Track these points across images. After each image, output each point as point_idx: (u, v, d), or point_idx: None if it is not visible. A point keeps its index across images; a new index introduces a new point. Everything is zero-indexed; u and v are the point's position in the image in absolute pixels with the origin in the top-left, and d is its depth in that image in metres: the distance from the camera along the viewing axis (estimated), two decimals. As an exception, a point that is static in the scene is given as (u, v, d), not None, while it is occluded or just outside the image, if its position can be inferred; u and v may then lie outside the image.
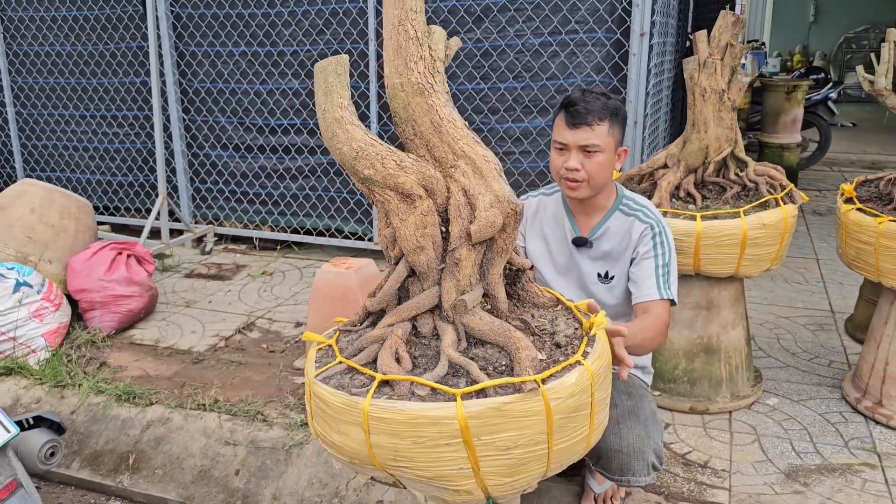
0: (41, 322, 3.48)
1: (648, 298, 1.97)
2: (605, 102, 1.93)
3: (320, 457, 2.71)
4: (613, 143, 1.95)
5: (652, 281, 1.98)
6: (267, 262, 4.88)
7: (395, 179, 1.34)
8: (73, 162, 5.61)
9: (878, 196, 2.81)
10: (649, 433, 1.91)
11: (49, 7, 5.29)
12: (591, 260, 2.09)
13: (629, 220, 2.04)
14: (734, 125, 2.81)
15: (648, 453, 1.86)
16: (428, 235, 1.36)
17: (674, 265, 2.03)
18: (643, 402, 2.01)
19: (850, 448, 2.66)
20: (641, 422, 1.92)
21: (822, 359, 3.36)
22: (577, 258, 2.09)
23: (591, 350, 1.41)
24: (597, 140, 1.91)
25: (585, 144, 1.92)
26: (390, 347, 1.35)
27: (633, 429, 1.88)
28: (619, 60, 3.92)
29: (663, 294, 1.97)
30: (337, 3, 4.49)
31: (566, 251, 2.11)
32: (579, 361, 1.35)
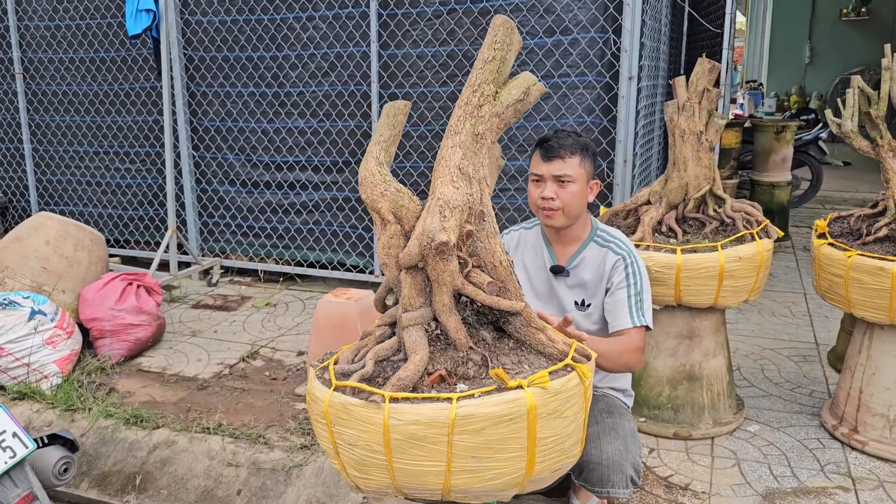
0: (54, 349, 3.63)
1: (623, 327, 2.12)
2: (576, 139, 2.15)
3: (318, 478, 2.84)
4: (585, 174, 2.14)
5: (625, 310, 2.13)
6: (271, 294, 5.04)
7: (375, 204, 1.56)
8: (87, 196, 5.82)
9: (850, 232, 2.96)
10: (628, 448, 2.04)
11: (68, 49, 5.55)
12: (569, 288, 2.24)
13: (603, 251, 2.21)
14: (712, 164, 2.98)
15: (627, 466, 1.99)
16: (392, 255, 1.55)
17: (646, 293, 2.17)
18: (623, 420, 2.15)
19: (825, 472, 2.78)
20: (621, 437, 2.05)
21: (803, 388, 3.48)
22: (556, 286, 2.25)
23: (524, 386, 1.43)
24: (569, 171, 2.11)
25: (559, 175, 2.11)
26: (355, 350, 1.58)
27: (613, 443, 2.01)
28: (608, 102, 4.12)
29: (636, 322, 2.12)
30: (342, 47, 4.72)
31: (545, 279, 2.27)
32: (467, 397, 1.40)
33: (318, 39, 4.77)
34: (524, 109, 1.60)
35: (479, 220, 1.55)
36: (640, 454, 2.11)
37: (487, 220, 1.57)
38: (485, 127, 1.56)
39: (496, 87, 1.56)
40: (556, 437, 1.47)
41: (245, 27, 4.94)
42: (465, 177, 1.52)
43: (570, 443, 1.52)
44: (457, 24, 4.38)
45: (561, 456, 1.51)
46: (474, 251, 1.58)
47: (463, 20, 4.36)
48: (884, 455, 2.83)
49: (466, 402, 1.38)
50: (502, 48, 1.55)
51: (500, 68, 1.56)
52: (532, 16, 4.20)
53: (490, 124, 1.56)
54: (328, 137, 4.91)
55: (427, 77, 4.53)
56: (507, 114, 1.57)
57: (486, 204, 1.57)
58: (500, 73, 1.57)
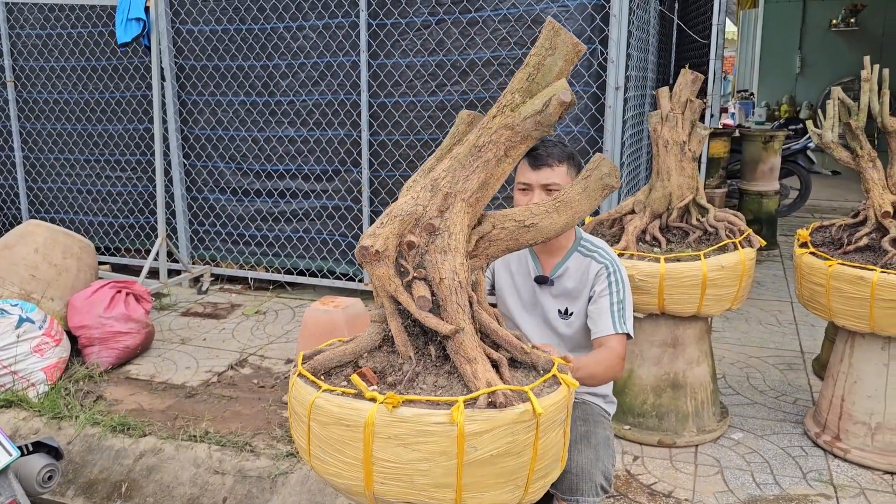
0: (41, 357, 3.63)
1: (604, 333, 2.14)
2: (563, 148, 2.18)
3: (304, 486, 2.84)
4: (571, 183, 2.16)
5: (607, 317, 2.15)
6: (261, 302, 5.05)
7: (368, 236, 1.54)
8: (77, 204, 5.82)
9: (831, 241, 2.99)
10: (599, 457, 2.05)
11: (59, 58, 5.57)
12: (553, 297, 2.26)
13: (587, 261, 2.23)
14: (695, 174, 3.01)
15: (597, 475, 2.00)
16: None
17: (628, 302, 2.20)
18: (597, 428, 2.17)
19: (807, 480, 2.80)
20: (592, 446, 2.07)
21: (788, 396, 3.51)
22: (540, 295, 2.27)
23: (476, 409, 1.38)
24: (557, 179, 2.13)
25: (547, 183, 2.13)
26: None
27: (584, 452, 2.03)
28: (595, 112, 4.15)
29: (618, 329, 2.14)
30: (332, 56, 4.75)
31: (530, 288, 2.29)
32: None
33: (308, 49, 4.80)
34: (547, 123, 1.50)
35: (426, 232, 1.51)
36: (613, 462, 2.12)
37: (442, 236, 1.51)
38: (488, 139, 1.51)
39: (528, 95, 1.49)
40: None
41: (236, 36, 4.97)
42: (431, 188, 1.51)
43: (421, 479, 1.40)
44: (445, 35, 4.42)
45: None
46: (421, 263, 1.53)
47: (451, 30, 4.40)
48: (865, 463, 2.86)
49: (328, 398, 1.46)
50: (539, 52, 1.47)
51: (533, 75, 1.49)
52: (520, 26, 4.24)
53: (497, 136, 1.51)
54: (318, 146, 4.94)
55: (416, 87, 4.57)
56: (523, 126, 1.50)
57: (447, 219, 1.52)
58: (535, 80, 1.49)
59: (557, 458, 1.54)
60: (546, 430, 1.44)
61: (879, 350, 2.82)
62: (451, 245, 1.50)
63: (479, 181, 1.54)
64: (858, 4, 13.06)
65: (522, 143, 1.53)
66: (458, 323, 1.47)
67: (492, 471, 1.39)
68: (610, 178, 1.62)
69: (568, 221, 1.63)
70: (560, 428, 1.51)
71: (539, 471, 1.47)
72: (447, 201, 1.51)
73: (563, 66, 1.49)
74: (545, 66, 1.48)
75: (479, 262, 1.63)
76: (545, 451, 1.46)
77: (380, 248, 1.46)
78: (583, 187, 1.62)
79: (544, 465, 1.48)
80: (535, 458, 1.43)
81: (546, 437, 1.45)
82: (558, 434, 1.51)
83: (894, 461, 2.82)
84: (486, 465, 1.37)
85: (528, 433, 1.40)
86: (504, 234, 1.60)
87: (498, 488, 1.41)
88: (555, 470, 1.54)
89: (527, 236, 1.62)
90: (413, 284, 1.50)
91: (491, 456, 1.37)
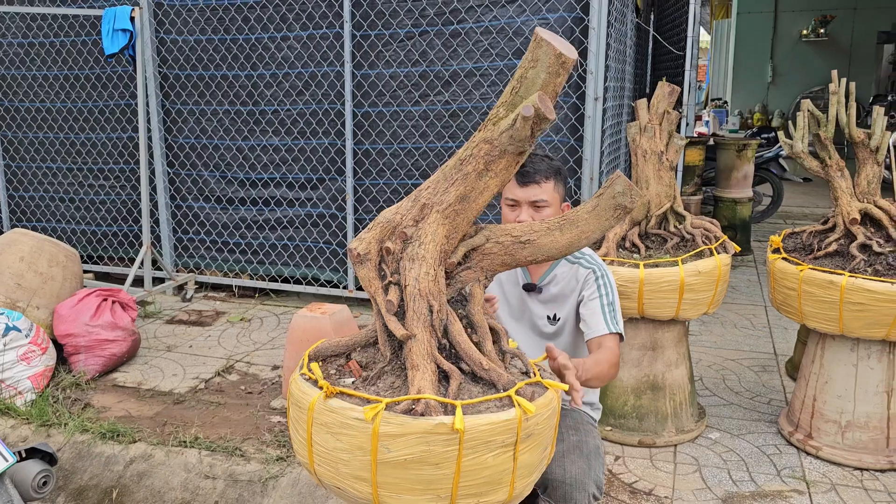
0: (28, 365, 3.65)
1: (599, 334, 2.18)
2: (550, 163, 2.23)
3: (294, 488, 2.90)
4: (558, 198, 2.25)
5: (600, 318, 2.20)
6: (246, 309, 5.09)
7: (355, 239, 1.63)
8: (61, 212, 5.82)
9: (802, 247, 3.12)
10: (591, 466, 2.10)
11: (41, 66, 5.57)
12: (542, 303, 2.34)
13: (574, 267, 2.31)
14: (673, 183, 3.13)
15: (589, 485, 2.05)
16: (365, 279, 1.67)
17: (618, 304, 2.26)
18: (588, 438, 2.22)
19: (781, 477, 2.91)
20: (584, 456, 2.12)
21: (762, 397, 3.63)
22: (528, 302, 2.35)
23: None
24: (544, 196, 2.20)
25: (535, 200, 2.20)
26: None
27: (576, 462, 2.08)
28: (575, 122, 4.27)
29: (612, 328, 2.18)
30: (316, 67, 4.82)
31: (518, 295, 2.37)
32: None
33: (292, 59, 4.87)
34: (519, 138, 1.46)
35: (399, 240, 1.56)
36: (603, 470, 2.17)
37: (413, 245, 1.55)
38: (469, 153, 1.53)
39: (512, 108, 1.46)
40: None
41: (220, 46, 5.02)
42: (414, 198, 1.57)
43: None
44: (428, 46, 4.51)
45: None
46: (396, 269, 1.57)
47: (434, 42, 4.49)
48: (836, 459, 2.98)
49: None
50: (523, 65, 1.44)
51: (516, 88, 1.45)
52: (501, 38, 4.35)
53: (477, 150, 1.52)
54: (302, 155, 5.00)
55: (400, 96, 4.65)
56: (500, 141, 1.49)
57: (420, 229, 1.54)
58: (518, 93, 1.45)
59: (500, 482, 1.46)
60: (475, 449, 1.40)
61: (849, 351, 2.95)
62: (418, 254, 1.54)
63: (458, 194, 1.54)
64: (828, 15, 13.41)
65: (501, 158, 1.51)
66: (412, 330, 1.51)
67: (407, 475, 1.41)
68: (623, 198, 1.51)
69: (572, 241, 1.57)
70: (503, 451, 1.43)
71: (468, 488, 1.43)
72: (423, 212, 1.55)
73: (546, 78, 1.44)
74: (528, 78, 1.45)
75: (473, 275, 1.64)
76: (476, 471, 1.42)
77: (362, 252, 1.54)
78: (593, 206, 1.55)
79: (475, 483, 1.43)
80: (458, 474, 1.40)
81: (477, 457, 1.40)
82: (499, 457, 1.43)
83: (863, 458, 2.94)
84: (399, 468, 1.40)
85: (447, 446, 1.38)
86: (498, 248, 1.61)
87: (416, 494, 1.43)
88: (498, 492, 1.47)
89: (523, 253, 1.60)
90: (389, 288, 1.57)
91: (405, 460, 1.39)
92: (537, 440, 1.49)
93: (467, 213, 1.56)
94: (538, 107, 1.40)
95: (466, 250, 1.61)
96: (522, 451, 1.46)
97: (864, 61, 13.30)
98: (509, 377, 1.51)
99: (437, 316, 1.53)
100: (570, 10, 4.17)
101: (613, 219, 1.53)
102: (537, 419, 1.47)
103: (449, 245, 1.56)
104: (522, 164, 2.16)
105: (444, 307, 1.54)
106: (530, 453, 1.48)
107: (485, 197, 1.55)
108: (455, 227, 1.56)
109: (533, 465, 1.51)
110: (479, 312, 1.63)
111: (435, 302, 1.52)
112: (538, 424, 1.48)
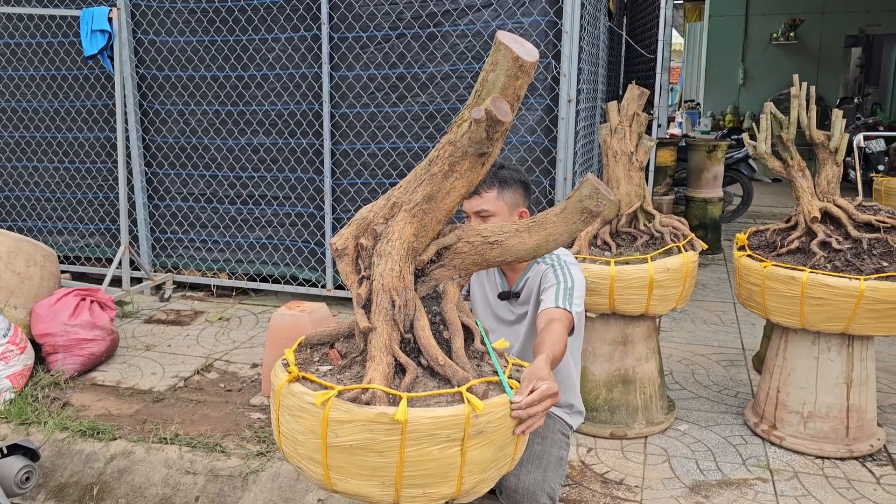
0: (6, 364, 3.66)
1: (547, 306, 2.11)
2: (495, 172, 2.24)
3: (274, 482, 2.96)
4: (505, 206, 2.26)
5: (552, 297, 2.13)
6: (224, 308, 5.12)
7: (336, 235, 1.71)
8: (36, 212, 5.80)
9: (766, 244, 3.24)
10: (546, 478, 2.13)
11: (17, 67, 5.56)
12: (520, 305, 2.40)
13: (539, 267, 2.31)
14: (642, 183, 3.23)
15: (541, 496, 2.09)
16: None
17: (578, 290, 2.16)
18: (552, 448, 2.24)
19: (747, 465, 3.03)
20: (542, 467, 2.15)
21: (730, 390, 3.75)
22: (508, 308, 2.42)
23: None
24: (486, 205, 2.23)
25: (478, 210, 2.24)
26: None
27: (532, 473, 2.12)
28: (549, 124, 4.36)
29: (560, 304, 2.08)
30: (294, 68, 4.87)
31: (496, 302, 2.43)
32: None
33: (270, 60, 4.91)
34: (476, 139, 1.48)
35: (371, 236, 1.63)
36: (561, 481, 2.20)
37: (381, 242, 1.62)
38: (436, 154, 1.58)
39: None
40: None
41: (198, 47, 5.05)
42: (388, 197, 1.65)
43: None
44: (405, 48, 4.58)
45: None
46: (369, 264, 1.64)
47: (411, 44, 4.56)
48: (799, 449, 3.10)
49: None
50: (485, 68, 1.46)
51: (479, 91, 1.48)
52: (477, 41, 4.43)
53: (443, 152, 1.56)
54: (280, 155, 5.04)
55: (377, 98, 4.71)
56: (461, 143, 1.52)
57: (389, 227, 1.61)
58: (481, 96, 1.47)
59: (446, 475, 1.49)
60: (419, 441, 1.44)
61: (810, 345, 3.07)
62: (385, 250, 1.61)
63: (425, 194, 1.59)
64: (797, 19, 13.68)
65: (464, 160, 1.54)
66: (374, 323, 1.58)
67: (353, 460, 1.48)
68: (590, 201, 1.52)
69: (540, 243, 1.61)
70: (449, 445, 1.46)
71: (413, 478, 1.48)
72: (393, 210, 1.63)
73: (505, 81, 1.45)
74: (489, 82, 1.47)
75: (446, 273, 1.70)
76: (419, 462, 1.46)
77: (340, 247, 1.64)
78: (562, 208, 1.58)
79: (419, 474, 1.47)
80: (401, 463, 1.45)
81: (420, 448, 1.45)
82: (445, 451, 1.46)
83: (824, 447, 3.07)
84: (346, 452, 1.47)
85: (390, 436, 1.44)
86: (469, 248, 1.66)
87: (362, 479, 1.49)
88: (444, 486, 1.50)
89: (492, 253, 1.65)
90: (363, 282, 1.65)
91: (351, 446, 1.46)
92: (490, 438, 1.51)
93: (436, 212, 1.61)
94: (490, 110, 1.44)
95: (438, 249, 1.68)
96: (472, 448, 1.48)
97: (833, 64, 13.59)
98: (465, 374, 1.54)
99: (401, 310, 1.59)
100: (543, 14, 4.27)
101: (581, 222, 1.56)
102: (488, 417, 1.49)
103: (418, 243, 1.63)
104: None
105: (411, 302, 1.61)
106: (481, 450, 1.50)
107: (452, 197, 1.60)
108: (424, 226, 1.62)
109: (486, 463, 1.53)
110: (453, 310, 1.68)
111: (398, 297, 1.59)
112: (490, 422, 1.49)
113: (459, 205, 1.65)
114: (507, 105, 1.44)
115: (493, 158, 1.58)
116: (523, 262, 2.26)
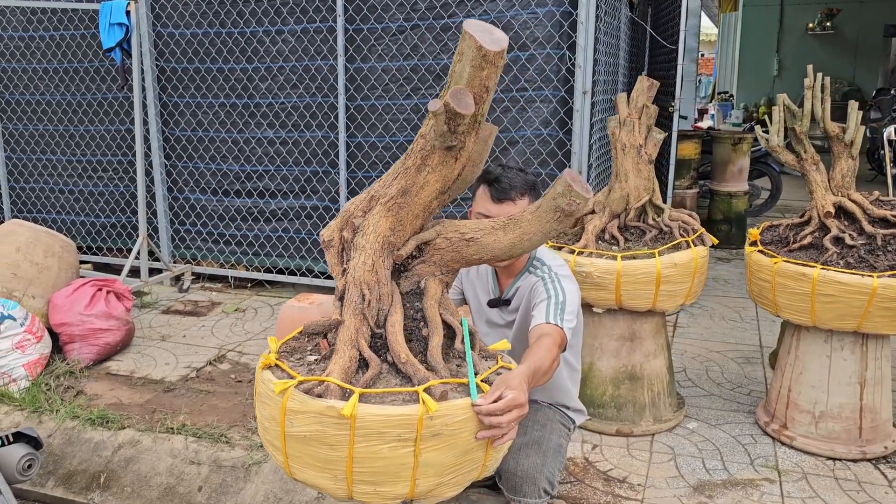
0: (23, 353, 3.73)
1: (537, 322, 2.03)
2: (525, 178, 2.16)
3: (276, 474, 2.97)
4: None
5: (542, 313, 2.06)
6: (241, 300, 5.17)
7: (325, 228, 1.72)
8: (59, 204, 5.91)
9: (779, 239, 3.15)
10: (545, 462, 2.12)
11: (41, 59, 5.66)
12: (510, 312, 2.36)
13: (533, 279, 2.23)
14: (651, 176, 3.16)
15: (541, 479, 2.08)
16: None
17: (570, 305, 2.08)
18: (551, 435, 2.23)
19: (754, 465, 2.96)
20: (542, 452, 2.14)
21: (743, 388, 3.67)
22: (499, 313, 2.38)
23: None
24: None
25: None
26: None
27: (531, 457, 2.11)
28: (564, 115, 4.30)
29: (550, 320, 2.00)
30: (310, 60, 4.87)
31: (488, 308, 2.40)
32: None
33: (286, 53, 4.92)
34: (440, 132, 1.44)
35: (350, 230, 1.64)
36: (560, 468, 2.19)
37: (359, 235, 1.61)
38: (411, 148, 1.56)
39: None
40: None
41: (216, 40, 5.08)
42: (368, 192, 1.64)
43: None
44: (420, 40, 4.55)
45: None
46: (349, 257, 1.64)
47: (426, 36, 4.53)
48: (809, 449, 3.02)
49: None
50: (455, 58, 1.43)
51: (448, 83, 1.45)
52: (491, 32, 4.37)
53: (415, 146, 1.54)
54: (297, 147, 5.05)
55: (392, 90, 4.69)
56: (430, 136, 1.49)
57: (366, 220, 1.60)
58: (450, 88, 1.44)
59: (398, 475, 1.46)
60: (367, 438, 1.42)
61: (822, 343, 2.98)
62: (360, 244, 1.60)
63: (399, 187, 1.57)
64: (834, 9, 13.33)
65: (433, 153, 1.50)
66: (344, 315, 1.59)
67: (307, 451, 1.49)
68: (562, 200, 1.47)
69: (514, 242, 1.57)
70: (400, 445, 1.43)
71: (362, 475, 1.46)
72: (370, 204, 1.63)
73: (471, 72, 1.40)
74: (455, 73, 1.44)
75: (428, 269, 1.66)
76: (368, 459, 1.44)
77: (326, 239, 1.65)
78: (536, 206, 1.55)
79: (369, 471, 1.45)
80: (350, 458, 1.44)
81: (369, 445, 1.42)
82: (396, 450, 1.43)
83: (836, 448, 2.98)
84: (301, 442, 1.49)
85: (339, 430, 1.42)
86: (447, 244, 1.63)
87: (316, 470, 1.50)
88: (396, 485, 1.47)
89: (469, 250, 1.62)
90: (343, 274, 1.66)
91: (304, 437, 1.47)
92: (448, 441, 1.45)
93: (411, 206, 1.59)
94: (448, 102, 1.39)
95: (418, 244, 1.65)
96: (427, 450, 1.44)
97: (870, 55, 13.22)
98: (426, 373, 1.50)
99: (372, 305, 1.57)
100: (558, 4, 4.20)
101: (554, 221, 1.51)
102: (445, 420, 1.43)
103: (395, 237, 1.61)
104: (498, 178, 2.14)
105: (385, 297, 1.59)
106: (438, 453, 1.45)
107: (426, 192, 1.57)
108: (400, 221, 1.60)
109: (443, 466, 1.48)
110: (433, 307, 1.65)
111: (368, 291, 1.57)
112: (447, 425, 1.44)
113: (436, 199, 1.61)
114: (469, 97, 1.40)
115: (466, 153, 1.54)
116: (512, 266, 2.26)
